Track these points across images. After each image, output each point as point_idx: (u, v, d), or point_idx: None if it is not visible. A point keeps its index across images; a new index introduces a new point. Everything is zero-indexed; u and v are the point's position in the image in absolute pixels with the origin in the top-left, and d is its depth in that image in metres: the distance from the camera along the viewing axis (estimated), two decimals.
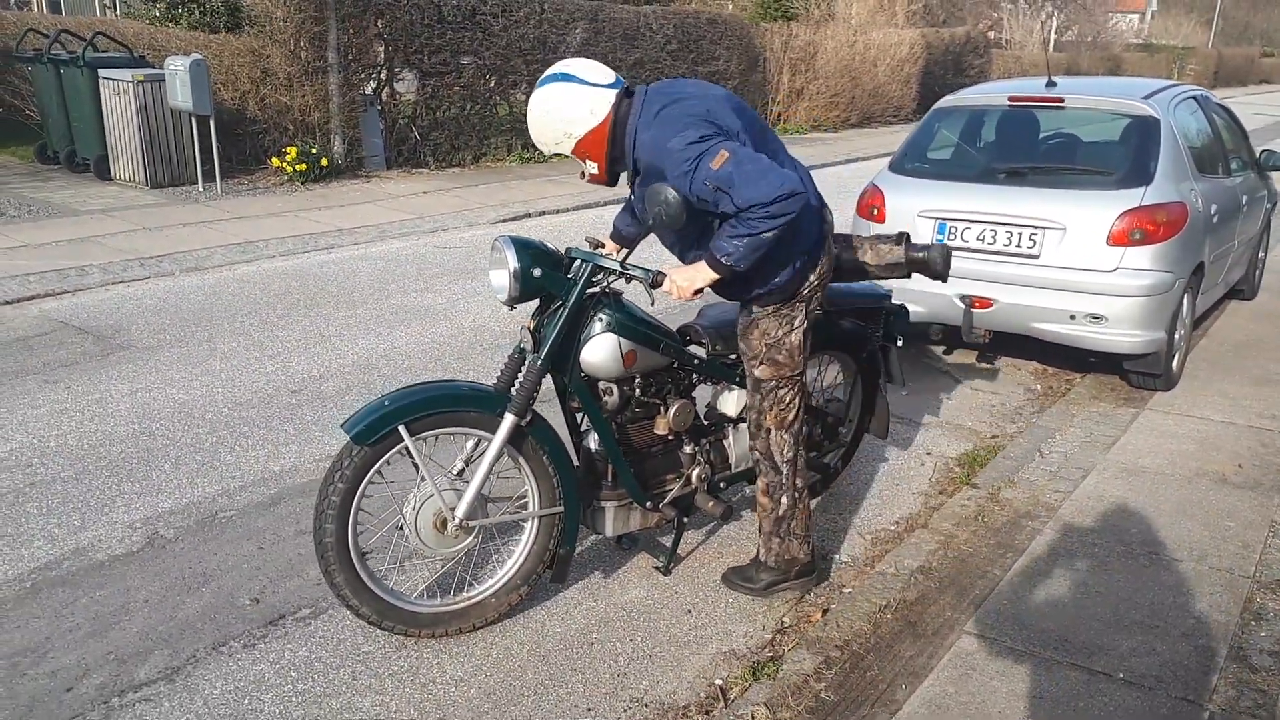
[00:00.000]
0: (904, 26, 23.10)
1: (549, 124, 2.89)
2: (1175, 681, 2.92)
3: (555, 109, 2.87)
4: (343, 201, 10.30)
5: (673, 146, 2.79)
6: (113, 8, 17.68)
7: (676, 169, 2.80)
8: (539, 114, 2.90)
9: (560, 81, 2.87)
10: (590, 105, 2.86)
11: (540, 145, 2.98)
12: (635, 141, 2.89)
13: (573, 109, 2.86)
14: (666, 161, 2.81)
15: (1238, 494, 4.19)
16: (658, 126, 2.84)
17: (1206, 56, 46.85)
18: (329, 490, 2.85)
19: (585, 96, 2.86)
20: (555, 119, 2.88)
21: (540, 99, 2.89)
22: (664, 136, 2.81)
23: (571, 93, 2.86)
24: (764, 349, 3.19)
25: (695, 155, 2.76)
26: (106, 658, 3.01)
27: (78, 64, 10.02)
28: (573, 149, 2.92)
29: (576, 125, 2.87)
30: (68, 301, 6.65)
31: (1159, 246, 4.98)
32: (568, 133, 2.88)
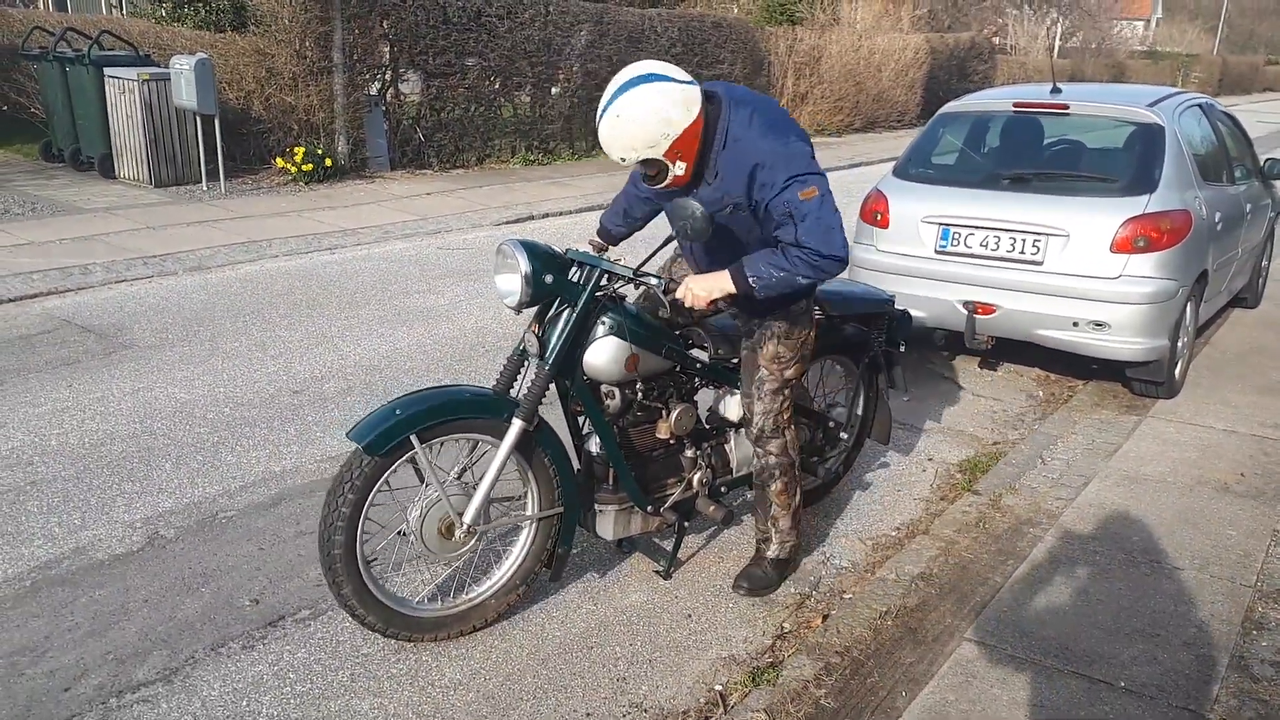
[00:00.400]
0: (909, 31, 23.10)
1: (648, 125, 2.74)
2: (1176, 690, 2.91)
3: (655, 108, 2.73)
4: (346, 202, 10.30)
5: (781, 153, 2.83)
6: (119, 6, 17.71)
7: (770, 176, 2.82)
8: (635, 115, 2.74)
9: (652, 81, 2.75)
10: (686, 101, 2.78)
11: (627, 152, 2.79)
12: (726, 140, 2.87)
13: (671, 107, 2.75)
14: (771, 165, 2.82)
15: (1240, 502, 4.18)
16: (763, 130, 2.85)
17: (1211, 64, 46.82)
18: (338, 501, 2.81)
19: (680, 93, 2.78)
20: (655, 119, 2.74)
21: (633, 101, 2.73)
22: (773, 143, 2.84)
23: (668, 90, 2.75)
24: (798, 347, 3.26)
25: (794, 174, 2.81)
26: (105, 658, 3.01)
27: (83, 62, 10.03)
28: (666, 150, 2.80)
29: (675, 124, 2.77)
30: (71, 300, 6.66)
31: (1163, 254, 4.98)
32: (665, 133, 2.76)
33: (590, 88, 14.43)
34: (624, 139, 2.77)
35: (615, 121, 2.76)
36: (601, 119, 2.79)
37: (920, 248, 5.48)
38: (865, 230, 5.78)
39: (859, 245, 5.79)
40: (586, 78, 14.32)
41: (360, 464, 2.82)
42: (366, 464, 2.81)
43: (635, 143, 2.78)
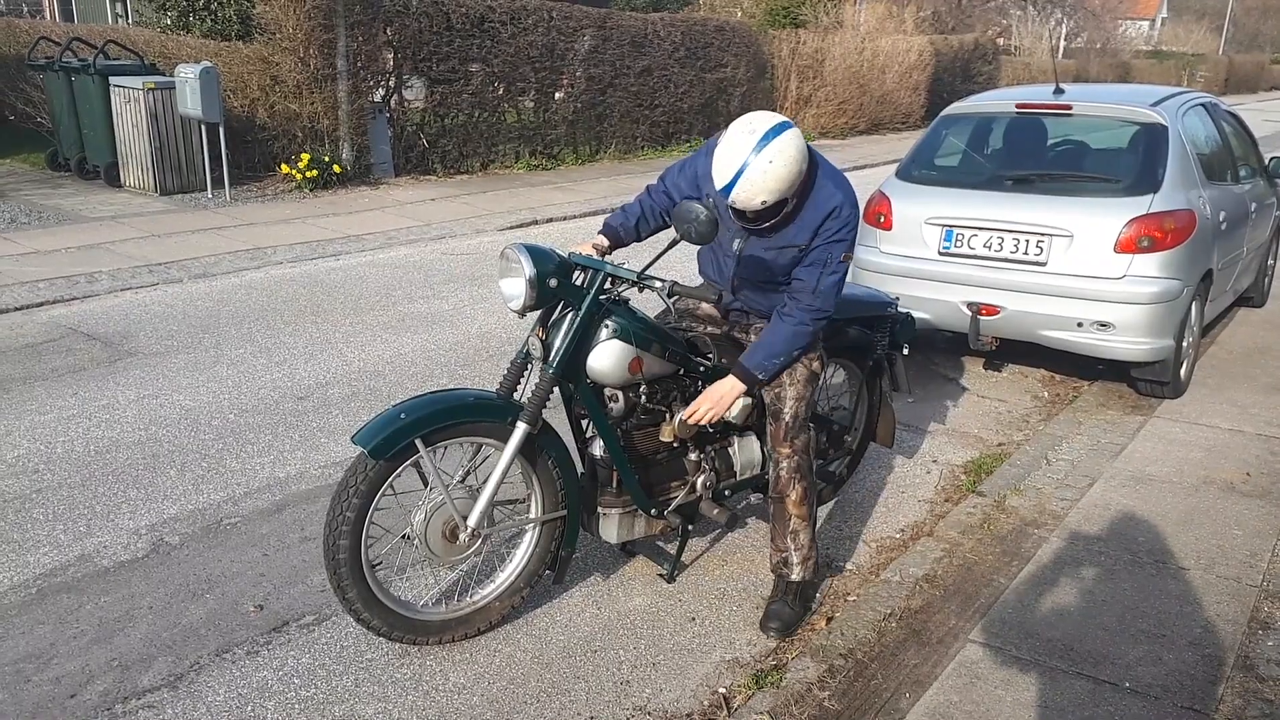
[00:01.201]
0: (912, 33, 23.08)
1: (790, 170, 2.86)
2: (1182, 691, 2.90)
3: (797, 154, 2.86)
4: (351, 209, 10.33)
5: (851, 216, 3.09)
6: (125, 16, 17.81)
7: (834, 225, 3.04)
8: (784, 162, 2.84)
9: (790, 128, 2.88)
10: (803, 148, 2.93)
11: (771, 196, 2.87)
12: (815, 189, 3.05)
13: (804, 152, 2.92)
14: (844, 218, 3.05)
15: (1246, 502, 4.17)
16: (839, 190, 3.07)
17: (1217, 63, 46.72)
18: (344, 506, 2.81)
19: (804, 141, 2.92)
20: (796, 163, 2.87)
21: (782, 149, 2.83)
22: (844, 197, 3.07)
23: (799, 138, 2.89)
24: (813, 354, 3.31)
25: (848, 233, 3.09)
26: (110, 664, 3.02)
27: (89, 72, 10.08)
28: (792, 192, 2.95)
29: (804, 167, 2.94)
30: (76, 308, 6.69)
31: (1167, 254, 4.97)
32: (799, 172, 2.90)
33: (594, 92, 14.46)
34: (775, 184, 2.86)
35: (768, 168, 2.83)
36: (747, 170, 2.82)
37: (924, 249, 5.48)
38: (869, 232, 5.78)
39: (862, 248, 5.78)
40: (590, 83, 14.34)
41: (365, 468, 2.82)
42: (371, 468, 2.81)
43: (782, 186, 2.88)
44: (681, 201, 2.90)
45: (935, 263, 5.42)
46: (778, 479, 3.28)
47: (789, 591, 3.34)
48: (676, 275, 3.28)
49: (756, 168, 2.83)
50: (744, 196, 2.88)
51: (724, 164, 2.86)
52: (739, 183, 2.85)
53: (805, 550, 3.30)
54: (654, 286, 3.04)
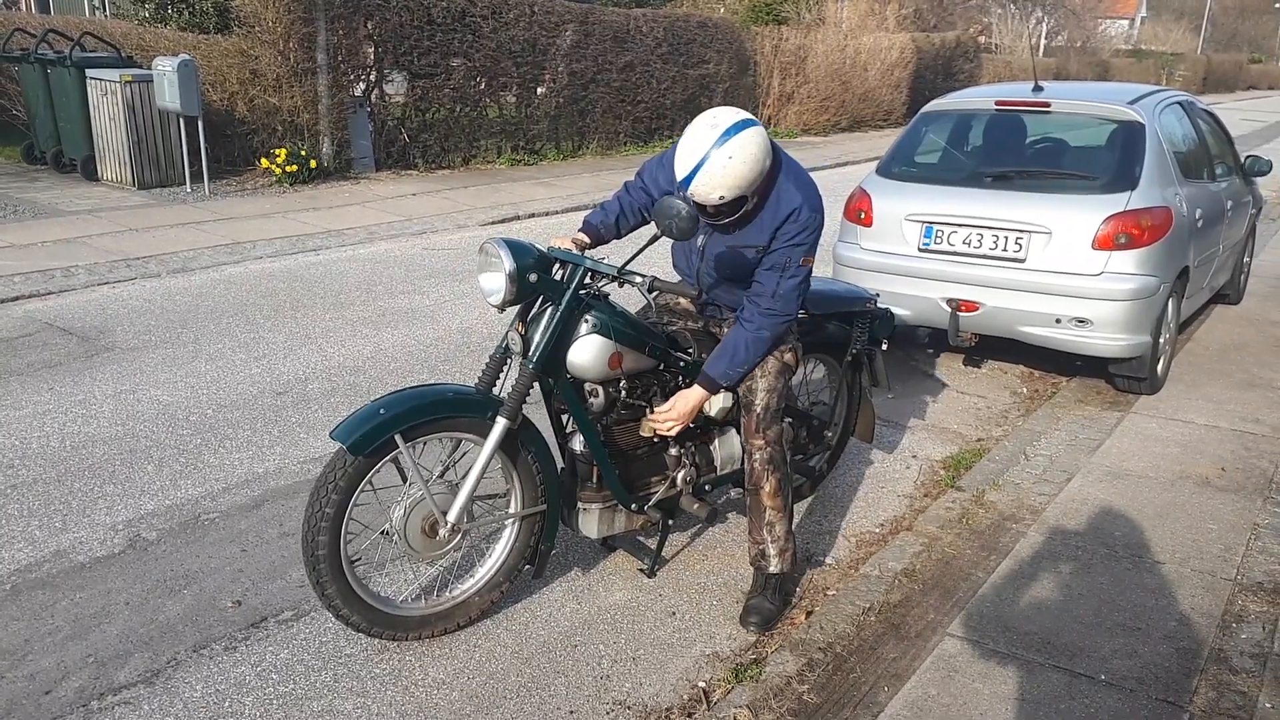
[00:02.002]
0: (894, 31, 23.16)
1: (751, 168, 2.89)
2: (1156, 683, 2.93)
3: (759, 152, 2.90)
4: (331, 203, 10.27)
5: (811, 220, 3.07)
6: (101, 8, 17.63)
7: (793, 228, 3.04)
8: (747, 156, 2.87)
9: (754, 125, 2.90)
10: (770, 146, 2.98)
11: (730, 191, 2.90)
12: (780, 191, 3.05)
13: (768, 152, 2.95)
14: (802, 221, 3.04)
15: (1220, 497, 4.21)
16: (799, 191, 3.06)
17: (1196, 62, 47.14)
18: (322, 502, 2.79)
19: (768, 141, 2.96)
20: (758, 161, 2.90)
21: (744, 144, 2.86)
22: (805, 198, 3.05)
23: (764, 137, 2.92)
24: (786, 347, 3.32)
25: (807, 237, 3.07)
26: (86, 660, 2.99)
27: (65, 64, 9.97)
28: (754, 190, 2.97)
29: (766, 166, 2.96)
30: (53, 302, 6.62)
31: (1144, 251, 5.01)
32: (760, 172, 2.93)
33: (576, 87, 14.43)
34: (733, 179, 2.88)
35: (728, 163, 2.85)
36: (706, 163, 2.85)
37: (904, 246, 5.50)
38: (849, 229, 5.80)
39: (842, 244, 5.81)
40: (572, 78, 14.32)
41: (344, 464, 2.80)
42: (350, 464, 2.80)
43: (741, 182, 2.90)
44: (662, 198, 2.89)
45: (915, 259, 5.45)
46: (752, 471, 3.30)
47: (768, 585, 3.35)
48: (656, 271, 3.28)
49: (716, 162, 2.85)
50: (702, 190, 2.90)
51: (685, 156, 2.89)
52: (698, 175, 2.87)
53: (782, 542, 3.31)
54: (634, 282, 3.04)
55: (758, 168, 2.90)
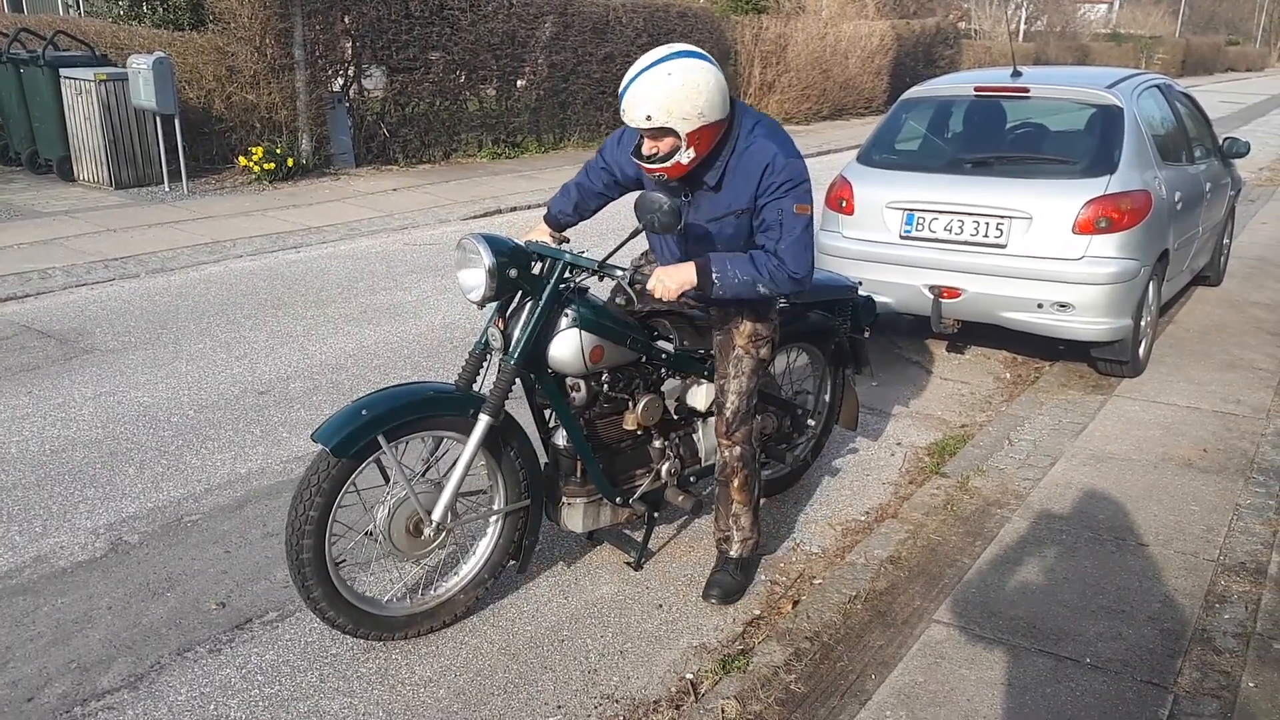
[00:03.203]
0: (874, 18, 23.16)
1: (694, 94, 2.73)
2: (1141, 665, 2.94)
3: (706, 83, 2.76)
4: (311, 200, 10.20)
5: (786, 159, 2.89)
6: (75, 6, 17.43)
7: (774, 178, 2.88)
8: (687, 80, 2.72)
9: (709, 62, 2.78)
10: (724, 98, 2.84)
11: (658, 113, 2.72)
12: (751, 146, 2.92)
13: (716, 92, 2.78)
14: (781, 168, 2.88)
15: (1202, 478, 4.24)
16: (770, 135, 2.92)
17: (1174, 46, 47.34)
18: (305, 505, 2.76)
19: (723, 88, 2.83)
20: (702, 92, 2.75)
21: (689, 68, 2.73)
22: (779, 148, 2.90)
23: (716, 78, 2.79)
24: (771, 329, 3.26)
25: (795, 184, 2.89)
26: (68, 666, 2.97)
27: (38, 63, 9.86)
28: (691, 130, 2.78)
29: (712, 111, 2.79)
30: (30, 305, 6.55)
31: (1124, 234, 5.02)
32: (701, 113, 2.76)
33: (556, 80, 14.37)
34: (664, 99, 2.72)
35: (664, 79, 2.71)
36: (644, 74, 2.73)
37: (885, 233, 5.50)
38: (831, 217, 5.80)
39: (825, 233, 5.80)
40: (552, 70, 14.25)
41: (327, 466, 2.78)
42: (333, 466, 2.77)
43: (673, 106, 2.73)
44: (642, 193, 2.87)
45: (897, 246, 5.45)
46: (723, 465, 3.32)
47: (730, 563, 3.41)
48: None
49: (652, 75, 2.72)
50: (630, 104, 2.74)
51: (628, 74, 2.78)
52: (630, 88, 2.74)
53: (746, 532, 3.36)
54: (615, 275, 3.03)
55: (697, 98, 2.72)
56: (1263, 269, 8.14)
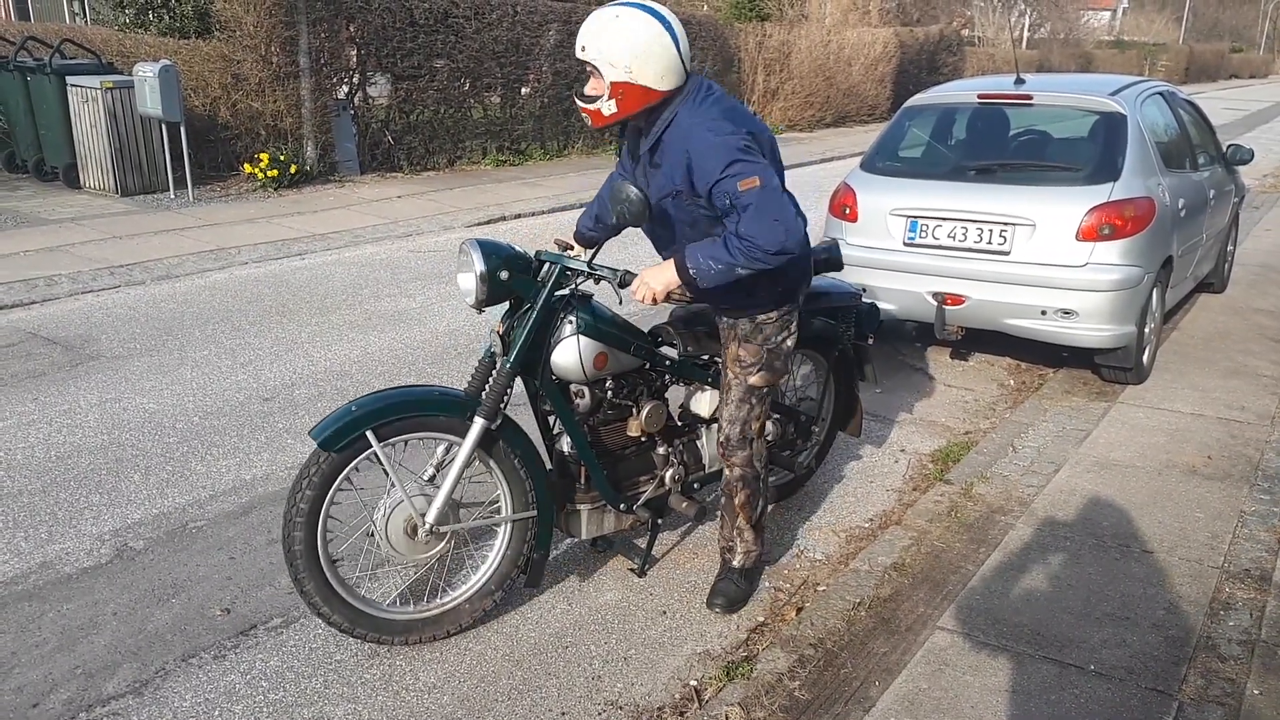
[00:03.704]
0: (877, 25, 23.20)
1: (622, 43, 2.72)
2: (1146, 672, 2.94)
3: (639, 39, 2.72)
4: (316, 207, 10.24)
5: (710, 140, 2.76)
6: (81, 14, 17.51)
7: (703, 163, 2.77)
8: (621, 29, 2.72)
9: (659, 24, 2.75)
10: (666, 69, 2.76)
11: (591, 46, 2.74)
12: (673, 121, 2.84)
13: (649, 56, 2.73)
14: (702, 152, 2.77)
15: (1207, 485, 4.23)
16: (702, 119, 2.80)
17: (1178, 53, 47.39)
18: (297, 498, 2.83)
19: (665, 59, 2.76)
20: (631, 45, 2.72)
21: (632, 17, 2.73)
22: (704, 132, 2.77)
23: (659, 43, 2.74)
24: (765, 355, 3.15)
25: (729, 162, 2.73)
26: (74, 672, 2.98)
27: (45, 71, 9.91)
28: (616, 79, 2.74)
29: (642, 73, 2.74)
30: (36, 312, 6.58)
31: (1127, 241, 5.02)
32: (628, 67, 2.72)
33: (560, 87, 14.41)
34: (598, 34, 2.74)
35: (610, 19, 2.74)
36: (602, 9, 2.79)
37: (889, 240, 5.51)
38: (834, 224, 5.81)
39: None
40: (556, 77, 14.29)
41: (318, 461, 2.84)
42: (324, 461, 2.83)
43: (604, 46, 2.73)
44: (614, 183, 2.87)
45: (900, 253, 5.46)
46: (727, 480, 3.32)
47: (733, 572, 3.40)
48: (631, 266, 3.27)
49: (604, 11, 2.77)
50: (580, 32, 2.79)
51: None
52: (584, 23, 2.80)
53: (749, 545, 3.36)
54: (604, 276, 3.04)
55: (627, 49, 2.70)
56: (1267, 276, 8.13)
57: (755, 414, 3.22)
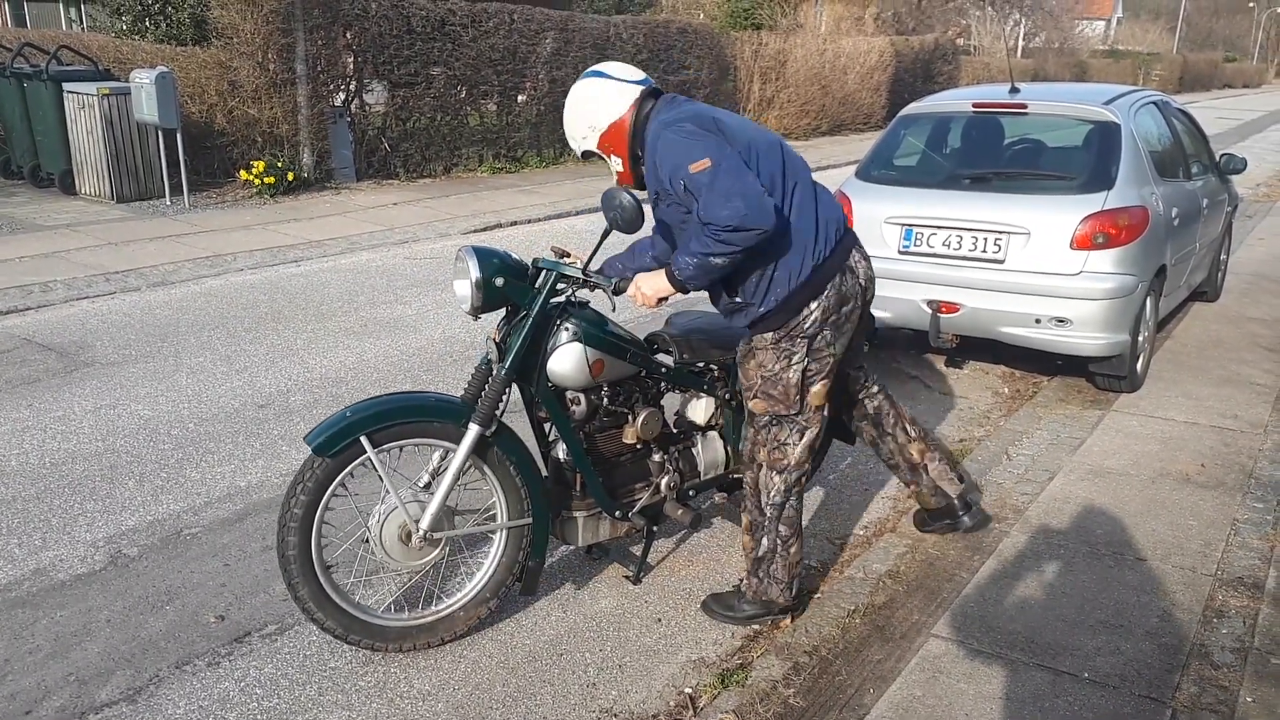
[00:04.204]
0: (873, 34, 23.28)
1: (577, 117, 3.00)
2: (1139, 680, 2.94)
3: (581, 101, 2.99)
4: (312, 214, 10.24)
5: (668, 138, 2.83)
6: (78, 21, 17.53)
7: (664, 159, 2.82)
8: (569, 108, 3.02)
9: (589, 78, 3.01)
10: (613, 98, 2.97)
11: (571, 143, 3.06)
12: (645, 140, 2.93)
13: (597, 102, 2.96)
14: (659, 149, 2.84)
15: (1200, 493, 4.24)
16: (665, 120, 2.89)
17: (1172, 62, 47.60)
18: (291, 503, 2.84)
19: (609, 90, 2.96)
20: (582, 111, 2.99)
21: (571, 95, 3.02)
22: (665, 126, 2.85)
23: (597, 86, 2.98)
24: (759, 381, 3.09)
25: (683, 153, 2.77)
26: (67, 679, 2.97)
27: (41, 78, 9.91)
28: (598, 143, 2.99)
29: (600, 117, 2.96)
30: (31, 318, 6.57)
31: (1121, 250, 5.04)
32: (592, 125, 2.97)
33: (556, 95, 14.43)
34: (567, 128, 3.05)
35: (565, 113, 3.05)
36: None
37: (884, 248, 5.52)
38: None
39: None
40: (552, 85, 14.32)
41: (313, 466, 2.85)
42: (319, 466, 2.84)
43: (573, 131, 3.03)
44: (607, 190, 2.89)
45: (895, 261, 5.47)
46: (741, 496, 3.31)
47: (741, 592, 3.31)
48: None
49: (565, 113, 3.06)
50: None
51: None
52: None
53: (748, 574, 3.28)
54: (599, 283, 3.05)
55: (581, 118, 2.98)
56: (1260, 284, 8.16)
57: (760, 439, 3.14)
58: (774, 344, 3.06)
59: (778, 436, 3.13)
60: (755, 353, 3.10)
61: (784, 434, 3.13)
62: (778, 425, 3.12)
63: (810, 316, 3.03)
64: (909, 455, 3.31)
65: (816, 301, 3.02)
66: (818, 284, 3.02)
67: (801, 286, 3.00)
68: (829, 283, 3.03)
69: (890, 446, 3.35)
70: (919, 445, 3.28)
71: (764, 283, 2.99)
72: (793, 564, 3.22)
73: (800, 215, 2.99)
